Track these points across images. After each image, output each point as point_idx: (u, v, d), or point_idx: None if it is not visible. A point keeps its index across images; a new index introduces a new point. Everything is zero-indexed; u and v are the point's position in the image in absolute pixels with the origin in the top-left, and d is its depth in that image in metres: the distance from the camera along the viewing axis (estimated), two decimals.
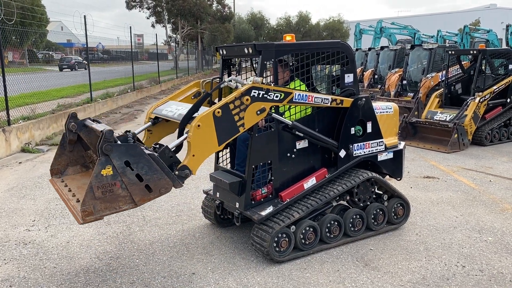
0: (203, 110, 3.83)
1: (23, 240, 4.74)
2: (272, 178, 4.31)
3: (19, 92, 13.12)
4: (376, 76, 16.77)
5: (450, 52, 10.23)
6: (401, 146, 5.09)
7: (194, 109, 3.90)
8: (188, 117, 3.84)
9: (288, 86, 4.57)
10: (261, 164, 4.25)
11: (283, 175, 4.31)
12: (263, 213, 4.12)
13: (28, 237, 4.81)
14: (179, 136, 3.86)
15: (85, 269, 4.09)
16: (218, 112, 3.72)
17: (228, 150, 4.86)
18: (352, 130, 4.59)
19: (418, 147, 9.30)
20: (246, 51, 4.17)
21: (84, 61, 34.30)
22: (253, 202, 4.23)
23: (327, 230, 4.41)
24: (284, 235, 4.14)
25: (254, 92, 3.90)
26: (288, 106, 4.50)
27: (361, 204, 4.69)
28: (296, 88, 4.44)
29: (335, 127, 4.56)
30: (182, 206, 5.71)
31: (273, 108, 4.09)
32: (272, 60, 4.11)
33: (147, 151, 3.38)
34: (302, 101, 4.22)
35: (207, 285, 3.79)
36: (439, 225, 5.07)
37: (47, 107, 12.04)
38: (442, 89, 10.24)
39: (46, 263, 4.21)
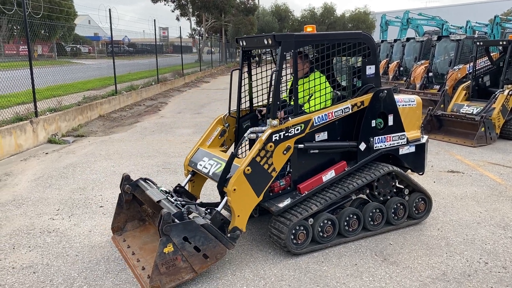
0: (235, 169, 3.92)
1: (47, 228, 4.87)
2: (291, 170, 4.29)
3: (47, 84, 13.50)
4: (401, 68, 16.48)
5: (478, 43, 9.93)
6: (423, 140, 4.98)
7: (227, 170, 3.98)
8: (223, 180, 3.96)
9: (308, 78, 4.54)
10: None
11: (302, 167, 4.28)
12: (281, 205, 4.11)
13: (52, 226, 4.93)
14: (221, 196, 4.07)
15: (105, 257, 4.18)
16: (248, 170, 3.84)
17: (247, 143, 4.87)
18: (373, 123, 4.51)
19: (443, 140, 9.09)
20: (266, 42, 4.15)
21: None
22: (271, 194, 4.22)
23: (345, 223, 4.37)
24: (302, 228, 4.12)
25: (275, 137, 3.96)
26: (307, 99, 4.47)
27: (381, 198, 4.63)
28: (316, 79, 4.40)
29: (355, 122, 4.49)
30: (202, 198, 5.73)
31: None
32: (292, 51, 4.06)
33: (201, 221, 3.67)
34: (323, 121, 4.23)
35: (224, 275, 3.81)
36: (462, 220, 4.96)
37: (73, 99, 12.30)
38: (469, 82, 9.97)
39: (68, 251, 4.31)
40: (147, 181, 4.53)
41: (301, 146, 4.14)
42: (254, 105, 5.00)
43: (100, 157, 8.14)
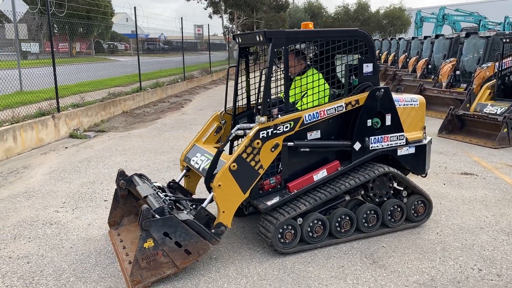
0: (222, 164, 3.94)
1: (50, 220, 5.03)
2: (281, 168, 4.25)
3: (78, 80, 14.06)
4: (429, 66, 16.01)
5: (504, 40, 9.51)
6: (425, 141, 4.82)
7: (213, 166, 4.03)
8: (210, 175, 3.99)
9: (302, 76, 4.49)
10: None
11: (292, 166, 4.23)
12: (269, 203, 4.08)
13: (55, 218, 5.10)
14: (208, 191, 4.10)
15: (98, 250, 4.28)
16: (234, 166, 3.84)
17: (243, 139, 4.86)
18: (369, 122, 4.40)
19: (464, 141, 8.76)
20: (258, 39, 4.13)
21: None
22: (260, 192, 4.20)
23: (337, 224, 4.29)
24: (290, 227, 4.08)
25: (262, 134, 3.93)
26: (300, 96, 4.42)
27: (377, 200, 4.51)
28: (309, 76, 4.33)
29: (350, 121, 4.40)
30: (199, 194, 5.77)
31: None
32: (283, 48, 4.02)
33: (183, 217, 3.69)
34: (314, 119, 4.16)
35: (207, 272, 3.83)
36: (464, 224, 4.77)
37: (98, 95, 12.65)
38: (495, 80, 9.56)
39: (64, 243, 4.44)
40: (142, 176, 4.61)
41: (290, 144, 4.10)
42: (251, 102, 4.99)
43: (116, 152, 8.34)
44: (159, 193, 4.22)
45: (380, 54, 26.96)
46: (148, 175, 6.56)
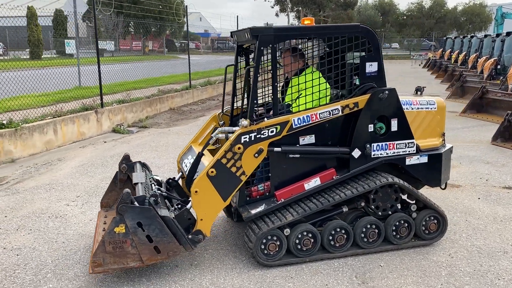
0: (202, 168, 3.78)
1: (57, 213, 5.15)
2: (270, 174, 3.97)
3: (139, 77, 14.67)
4: (498, 67, 14.65)
5: None
6: (442, 150, 4.29)
7: (193, 171, 3.89)
8: (190, 180, 3.82)
9: (300, 75, 4.17)
10: None
11: (282, 172, 3.93)
12: (253, 211, 3.83)
13: (63, 212, 5.21)
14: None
15: (87, 247, 4.28)
16: (212, 172, 3.64)
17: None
18: (371, 128, 3.98)
19: None
20: (246, 37, 3.89)
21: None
22: (248, 199, 3.95)
23: (330, 238, 3.94)
24: (275, 238, 3.80)
25: (244, 138, 3.68)
26: (296, 96, 4.11)
27: (380, 213, 4.08)
28: (307, 73, 3.99)
29: (349, 126, 4.01)
30: None
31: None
32: (270, 45, 3.74)
33: (163, 212, 3.56)
34: (305, 123, 3.82)
35: (181, 279, 3.67)
36: (486, 247, 4.18)
37: (150, 91, 13.01)
38: None
39: (59, 238, 4.50)
40: (144, 166, 4.51)
41: (277, 149, 3.81)
42: None
43: (149, 148, 8.46)
44: (153, 185, 4.11)
45: (452, 53, 25.33)
46: (168, 172, 6.62)
